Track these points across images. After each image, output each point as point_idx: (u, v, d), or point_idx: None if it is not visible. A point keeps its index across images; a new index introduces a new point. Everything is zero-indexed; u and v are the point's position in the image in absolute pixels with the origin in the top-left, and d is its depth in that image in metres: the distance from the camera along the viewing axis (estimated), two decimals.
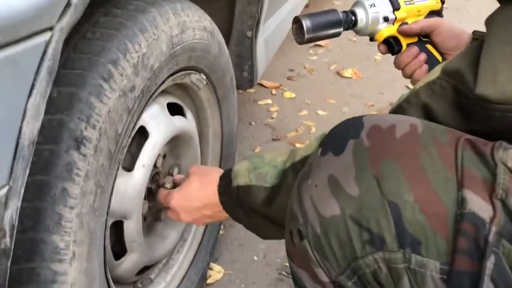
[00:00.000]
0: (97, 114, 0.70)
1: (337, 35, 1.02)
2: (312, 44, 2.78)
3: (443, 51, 1.02)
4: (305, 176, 0.63)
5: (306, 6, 3.05)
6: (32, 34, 0.49)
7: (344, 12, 1.02)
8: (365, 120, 0.62)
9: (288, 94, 2.22)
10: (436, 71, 0.67)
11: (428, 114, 0.67)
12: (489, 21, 0.61)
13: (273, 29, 1.48)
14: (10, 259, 0.56)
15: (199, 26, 0.95)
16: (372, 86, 2.33)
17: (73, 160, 0.67)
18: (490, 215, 0.51)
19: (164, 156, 1.07)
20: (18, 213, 0.54)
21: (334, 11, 1.01)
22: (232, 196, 0.80)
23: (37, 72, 0.51)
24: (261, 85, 2.28)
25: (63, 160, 0.67)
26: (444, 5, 1.09)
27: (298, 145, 1.85)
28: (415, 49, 1.02)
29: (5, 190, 0.51)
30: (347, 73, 2.43)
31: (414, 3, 1.05)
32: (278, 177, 0.76)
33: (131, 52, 0.75)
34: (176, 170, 1.10)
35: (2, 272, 0.55)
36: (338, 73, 2.44)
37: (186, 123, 1.05)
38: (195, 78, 1.02)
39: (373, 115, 0.66)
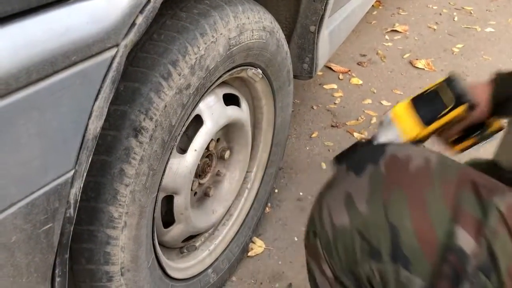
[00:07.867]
0: (154, 108, 0.81)
1: None
2: (389, 29, 2.74)
3: None
4: (328, 187, 0.74)
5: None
6: (100, 51, 0.60)
7: None
8: (388, 149, 0.70)
9: (355, 80, 2.23)
10: None
11: None
12: None
13: (339, 22, 1.52)
14: (73, 224, 0.70)
15: (258, 27, 1.02)
16: None
17: (131, 146, 0.79)
18: (474, 251, 0.58)
19: (218, 140, 1.18)
20: (80, 190, 0.67)
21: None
22: None
23: (103, 81, 0.62)
24: (330, 68, 2.30)
25: (123, 145, 0.79)
26: None
27: (355, 134, 1.88)
28: None
29: (72, 173, 0.64)
30: (420, 63, 2.38)
31: None
32: None
33: (189, 54, 0.85)
34: (227, 153, 1.21)
35: (66, 235, 0.69)
36: (410, 63, 2.40)
37: (239, 112, 1.15)
38: (251, 72, 1.11)
39: (397, 144, 0.74)
